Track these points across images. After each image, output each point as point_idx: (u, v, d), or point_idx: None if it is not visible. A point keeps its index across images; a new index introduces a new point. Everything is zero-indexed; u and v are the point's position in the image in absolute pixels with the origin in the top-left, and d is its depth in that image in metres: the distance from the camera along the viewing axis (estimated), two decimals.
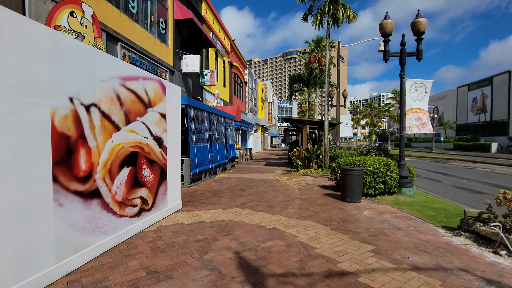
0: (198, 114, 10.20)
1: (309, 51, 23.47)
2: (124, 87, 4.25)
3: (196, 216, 5.68)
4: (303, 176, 12.11)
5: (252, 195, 7.97)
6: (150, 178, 4.97)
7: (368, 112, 63.08)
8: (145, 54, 11.83)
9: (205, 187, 9.21)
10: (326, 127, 13.66)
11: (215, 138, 12.20)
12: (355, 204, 6.81)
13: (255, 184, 9.93)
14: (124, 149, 4.23)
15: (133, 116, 4.47)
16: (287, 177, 12.04)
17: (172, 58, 14.60)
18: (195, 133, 9.78)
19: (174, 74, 14.67)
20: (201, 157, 10.23)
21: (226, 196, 7.71)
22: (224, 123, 14.13)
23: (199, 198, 7.48)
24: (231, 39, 26.91)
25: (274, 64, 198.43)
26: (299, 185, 9.73)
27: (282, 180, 11.00)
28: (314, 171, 13.40)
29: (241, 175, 12.72)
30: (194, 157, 9.55)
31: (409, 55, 7.85)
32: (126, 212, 4.29)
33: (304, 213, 5.97)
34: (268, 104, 56.99)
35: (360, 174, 6.98)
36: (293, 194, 8.14)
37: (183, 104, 9.06)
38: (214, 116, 12.17)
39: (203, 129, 10.70)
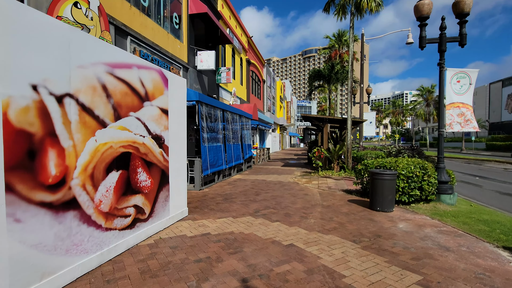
0: (210, 111, 9.52)
1: (329, 47, 22.31)
2: (112, 76, 3.58)
3: (201, 226, 4.95)
4: (324, 179, 11.16)
5: (267, 200, 7.17)
6: (147, 183, 4.30)
7: (392, 111, 60.24)
8: (157, 49, 11.32)
9: (217, 190, 8.51)
10: (349, 126, 12.61)
11: (229, 138, 11.50)
12: (387, 214, 5.84)
13: (271, 188, 9.11)
14: (112, 149, 3.56)
15: (124, 111, 3.79)
16: (307, 179, 11.13)
17: (186, 54, 14.06)
18: (207, 132, 9.11)
19: (189, 71, 14.13)
20: (214, 158, 9.55)
21: (238, 202, 6.95)
22: (240, 122, 13.42)
23: (208, 203, 6.78)
24: (249, 36, 26.20)
25: (293, 63, 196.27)
26: (319, 189, 8.82)
27: (301, 183, 10.11)
28: (335, 173, 12.39)
29: (257, 176, 11.95)
30: (206, 157, 8.87)
31: (450, 40, 6.75)
32: (114, 225, 3.62)
33: (327, 224, 5.10)
34: (286, 103, 55.89)
35: (392, 179, 5.99)
36: (313, 199, 7.26)
37: (193, 100, 8.41)
38: (228, 114, 11.47)
39: (216, 127, 10.02)
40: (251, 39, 27.03)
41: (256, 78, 30.73)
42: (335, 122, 14.41)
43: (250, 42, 27.11)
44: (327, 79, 18.81)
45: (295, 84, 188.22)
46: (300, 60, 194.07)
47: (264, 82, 34.11)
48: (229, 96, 20.49)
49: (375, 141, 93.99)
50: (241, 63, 24.41)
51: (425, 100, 43.87)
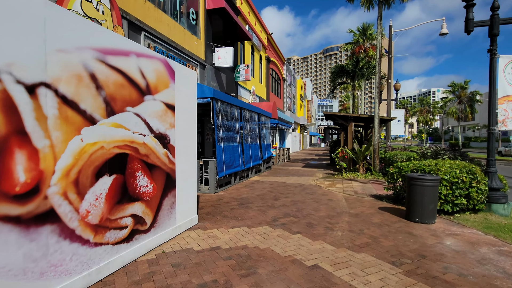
0: (227, 109, 8.96)
1: (353, 42, 21.14)
2: (104, 64, 3.05)
3: (211, 237, 4.36)
4: (348, 182, 10.28)
5: (287, 206, 6.47)
6: (149, 189, 3.75)
7: (419, 109, 57.14)
8: (173, 45, 10.93)
9: (232, 194, 7.92)
10: (376, 124, 11.62)
11: (247, 137, 10.90)
12: (428, 227, 4.97)
13: (292, 191, 8.40)
14: (104, 150, 3.03)
15: (120, 105, 3.26)
16: (330, 182, 10.30)
17: (203, 51, 13.63)
18: (222, 131, 8.55)
19: (206, 68, 13.69)
20: (230, 159, 8.97)
21: (255, 207, 6.31)
22: (258, 121, 12.79)
23: (222, 209, 6.19)
24: (269, 33, 25.52)
25: (314, 62, 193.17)
26: (345, 194, 8.00)
27: (324, 186, 9.32)
28: (361, 175, 11.45)
29: (276, 178, 11.26)
30: (221, 158, 8.31)
31: (504, 22, 5.73)
32: (106, 238, 3.09)
33: (358, 238, 4.34)
34: (307, 102, 54.65)
35: (434, 185, 5.11)
36: (339, 206, 6.48)
37: (208, 97, 7.87)
38: (246, 112, 10.87)
39: (233, 126, 9.44)
40: (271, 36, 26.33)
41: (276, 76, 29.99)
42: (361, 121, 13.42)
43: (270, 39, 26.42)
44: (351, 75, 17.72)
45: (315, 83, 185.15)
46: (321, 59, 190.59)
47: (284, 80, 33.30)
48: (248, 94, 19.93)
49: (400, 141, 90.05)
50: (260, 60, 23.79)
51: (457, 97, 41.02)
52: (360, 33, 21.29)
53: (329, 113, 13.09)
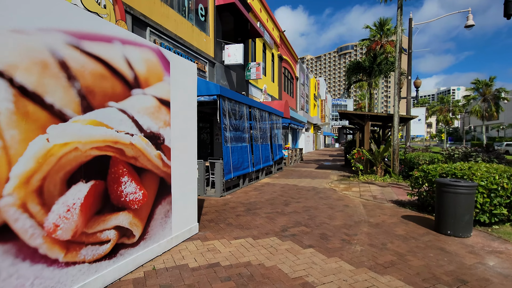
0: (235, 107, 8.45)
1: (370, 38, 20.22)
2: (79, 50, 2.59)
3: (211, 250, 3.84)
4: (366, 185, 9.56)
5: (298, 213, 5.89)
6: (138, 196, 3.28)
7: (439, 107, 54.82)
8: (181, 42, 10.53)
9: (240, 198, 7.40)
10: (396, 123, 10.83)
11: (257, 137, 10.36)
12: (463, 241, 4.28)
13: (304, 195, 7.79)
14: (78, 152, 2.57)
15: (100, 100, 2.79)
16: (345, 185, 9.62)
17: (213, 48, 13.20)
18: (230, 131, 8.04)
19: (215, 66, 13.26)
20: (238, 160, 8.46)
21: (263, 214, 5.77)
22: (269, 120, 12.22)
23: (227, 215, 5.67)
24: (281, 31, 24.90)
25: (328, 61, 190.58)
26: (362, 199, 7.33)
27: (339, 190, 8.65)
28: (379, 178, 10.69)
29: (287, 180, 10.67)
30: (229, 159, 7.81)
31: None
32: (82, 256, 2.63)
33: (381, 255, 3.72)
34: (321, 101, 53.56)
35: (470, 193, 4.41)
36: (356, 214, 5.84)
37: (214, 94, 7.39)
38: (256, 110, 10.33)
39: (242, 126, 8.93)
40: (284, 33, 25.70)
41: (288, 75, 29.33)
42: (378, 120, 12.62)
43: (282, 36, 25.80)
44: (368, 72, 16.86)
45: (329, 82, 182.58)
46: (335, 58, 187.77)
47: (297, 79, 32.57)
48: (259, 93, 19.40)
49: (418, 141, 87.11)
50: (272, 59, 23.21)
51: (481, 94, 38.89)
52: (377, 29, 20.34)
53: (344, 112, 12.37)
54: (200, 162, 7.47)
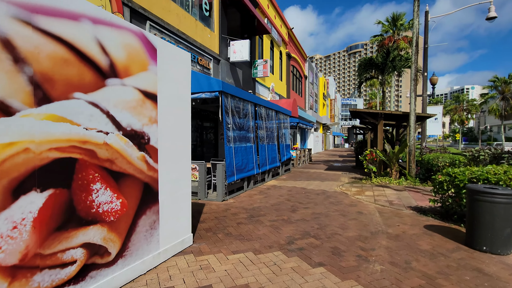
0: (239, 105, 7.90)
1: (382, 34, 19.39)
2: (31, 27, 2.07)
3: (204, 268, 3.30)
4: (380, 188, 8.89)
5: (306, 221, 5.30)
6: (114, 206, 2.76)
7: (454, 106, 52.99)
8: (183, 37, 10.06)
9: (243, 202, 6.85)
10: (412, 122, 10.09)
11: (263, 137, 9.80)
12: (503, 260, 3.61)
13: (313, 200, 7.19)
14: (30, 154, 2.05)
15: (61, 89, 2.28)
16: (358, 188, 8.96)
17: (217, 45, 12.70)
18: (233, 130, 7.51)
19: (220, 63, 12.75)
20: (242, 161, 7.91)
21: (267, 222, 5.20)
22: (276, 119, 11.64)
23: (228, 223, 5.13)
24: (289, 28, 24.28)
25: (337, 60, 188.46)
26: (378, 204, 6.68)
27: (351, 194, 8.01)
28: (394, 180, 9.98)
29: (295, 183, 10.07)
30: (231, 161, 7.27)
31: None
32: (36, 283, 2.11)
33: (406, 277, 3.10)
34: (330, 100, 52.60)
35: (511, 202, 3.74)
36: (372, 222, 5.21)
37: (216, 91, 6.86)
38: (262, 109, 9.77)
39: (246, 125, 8.38)
40: (292, 31, 25.07)
41: (297, 74, 28.66)
42: (392, 119, 11.89)
43: (290, 34, 25.16)
44: (380, 68, 16.08)
45: (339, 82, 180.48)
46: (344, 57, 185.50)
47: (306, 78, 31.86)
48: (266, 92, 18.83)
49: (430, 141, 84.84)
50: (280, 56, 22.61)
51: (499, 92, 37.26)
52: (390, 24, 19.49)
53: (356, 110, 11.68)
54: (201, 164, 6.95)
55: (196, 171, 6.98)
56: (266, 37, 18.96)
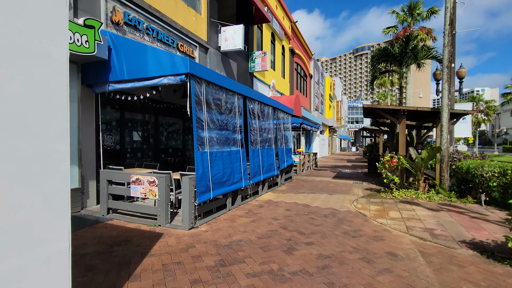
0: (218, 95, 5.90)
1: (400, 23, 17.25)
2: None
3: None
4: (407, 206, 6.76)
5: (309, 275, 3.23)
6: None
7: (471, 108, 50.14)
8: (157, 16, 8.12)
9: (220, 232, 4.80)
10: (445, 120, 7.97)
11: (255, 139, 7.76)
12: None
13: (319, 227, 5.12)
14: None
15: None
16: (378, 206, 6.85)
17: (205, 31, 10.75)
18: (209, 129, 5.49)
19: (209, 52, 10.79)
20: (224, 171, 5.88)
21: (243, 279, 3.14)
22: (275, 118, 9.61)
23: (177, 280, 3.09)
24: (293, 21, 22.31)
25: (343, 62, 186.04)
26: (414, 236, 4.59)
27: (371, 215, 5.92)
28: (422, 194, 7.84)
29: (297, 196, 7.99)
30: (206, 171, 5.24)
31: None
32: None
33: None
34: (336, 102, 50.37)
35: None
36: (418, 279, 3.12)
37: (182, 73, 4.86)
38: (254, 103, 7.75)
39: (231, 123, 6.36)
40: (296, 25, 23.09)
41: (301, 72, 26.63)
42: (417, 116, 9.78)
43: (294, 28, 23.19)
44: (398, 60, 13.93)
45: (345, 84, 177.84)
46: (351, 59, 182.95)
47: (311, 77, 29.80)
48: (267, 89, 16.81)
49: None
50: (283, 52, 20.62)
51: None
52: (405, 14, 17.39)
53: (370, 107, 9.58)
54: (161, 176, 4.94)
55: (154, 186, 4.96)
56: (266, 29, 17.00)
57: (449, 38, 8.08)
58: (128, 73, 5.31)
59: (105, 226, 4.92)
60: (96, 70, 5.65)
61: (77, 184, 5.73)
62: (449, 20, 8.00)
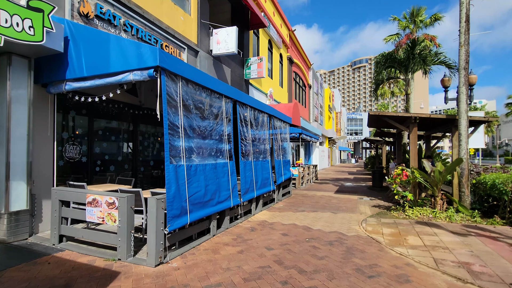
0: (201, 97, 4.91)
1: (402, 29, 16.54)
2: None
3: None
4: (427, 229, 5.68)
5: None
6: None
7: None
8: (139, 13, 7.24)
9: (195, 269, 3.71)
10: (463, 128, 7.01)
11: (247, 150, 6.74)
12: None
13: (324, 260, 4.03)
14: None
15: None
16: (392, 229, 5.76)
17: (195, 32, 9.90)
18: (186, 138, 4.47)
19: (199, 55, 9.91)
20: (206, 188, 4.82)
21: None
22: (271, 128, 8.63)
23: None
24: (291, 29, 21.68)
25: (341, 75, 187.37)
26: (448, 275, 3.50)
27: (386, 242, 4.84)
28: (441, 213, 6.77)
29: (296, 216, 6.90)
30: (182, 189, 4.18)
31: None
32: None
33: None
34: (336, 113, 49.66)
35: None
36: None
37: (150, 67, 3.87)
38: (247, 109, 6.77)
39: (216, 130, 5.36)
40: (294, 33, 22.48)
41: (300, 82, 25.89)
42: (429, 124, 8.80)
43: (292, 37, 22.56)
44: (403, 65, 13.08)
45: (343, 97, 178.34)
46: (349, 72, 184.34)
47: (310, 87, 29.07)
48: (264, 98, 15.91)
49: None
50: (280, 60, 19.88)
51: None
52: (407, 20, 16.73)
53: (378, 114, 8.61)
54: (123, 197, 3.88)
55: (114, 208, 3.90)
56: (263, 35, 16.27)
57: (466, 36, 7.20)
58: (88, 69, 4.33)
59: (48, 261, 3.82)
60: (51, 66, 4.67)
61: (24, 205, 4.65)
62: (465, 17, 7.15)
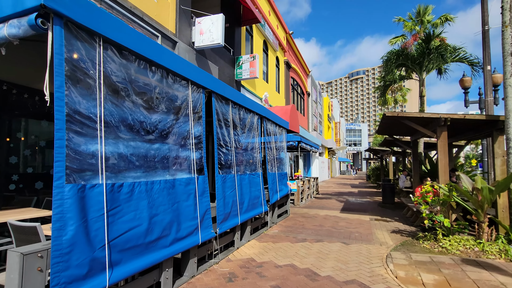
0: (146, 77, 3.18)
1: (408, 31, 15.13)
2: None
3: None
4: (486, 276, 3.87)
5: None
6: None
7: None
8: None
9: None
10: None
11: (228, 160, 4.97)
12: None
13: None
14: None
15: None
16: (433, 274, 3.95)
17: (173, 19, 8.29)
18: (113, 137, 2.71)
19: (177, 47, 8.27)
20: (150, 220, 3.01)
21: None
22: (262, 132, 6.89)
23: None
24: (288, 32, 20.29)
25: (339, 86, 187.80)
26: None
27: None
28: (491, 246, 4.98)
29: (295, 250, 5.08)
30: (93, 230, 2.39)
31: None
32: None
33: None
34: (335, 123, 48.18)
35: None
36: None
37: (31, 7, 2.14)
38: (228, 105, 5.04)
39: (176, 130, 3.60)
40: (291, 36, 21.09)
41: (298, 89, 24.38)
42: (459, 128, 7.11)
43: (289, 40, 21.16)
44: (417, 63, 11.52)
45: (341, 108, 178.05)
46: (346, 83, 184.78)
47: (309, 95, 27.58)
48: (258, 102, 14.24)
49: None
50: (277, 64, 18.37)
51: None
52: (414, 21, 15.35)
53: (396, 115, 6.91)
54: None
55: None
56: (257, 34, 14.77)
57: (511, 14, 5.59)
58: None
59: None
60: None
61: None
62: None
